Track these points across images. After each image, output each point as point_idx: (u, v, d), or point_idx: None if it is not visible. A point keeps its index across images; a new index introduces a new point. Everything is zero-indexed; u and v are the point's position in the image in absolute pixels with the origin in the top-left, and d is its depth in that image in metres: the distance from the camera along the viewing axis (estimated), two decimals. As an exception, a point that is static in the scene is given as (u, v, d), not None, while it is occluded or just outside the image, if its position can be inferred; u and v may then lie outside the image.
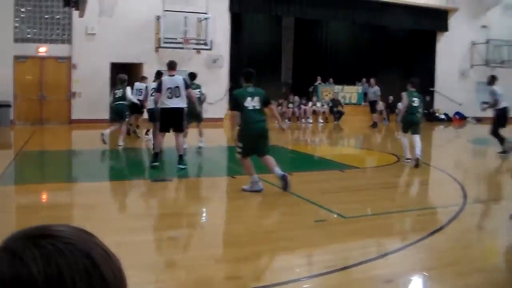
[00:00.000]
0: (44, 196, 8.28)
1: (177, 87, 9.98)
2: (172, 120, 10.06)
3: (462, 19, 27.32)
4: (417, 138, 11.60)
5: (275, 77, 26.17)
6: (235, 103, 8.12)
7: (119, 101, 13.60)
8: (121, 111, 13.62)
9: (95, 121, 19.25)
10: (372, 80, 23.34)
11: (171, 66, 10.36)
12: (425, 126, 24.26)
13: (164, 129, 10.27)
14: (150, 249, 5.55)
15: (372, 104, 23.06)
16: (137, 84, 15.33)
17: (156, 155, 10.26)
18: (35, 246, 0.80)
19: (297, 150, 14.93)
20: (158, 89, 10.18)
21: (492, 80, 14.15)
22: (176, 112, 10.02)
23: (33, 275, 0.76)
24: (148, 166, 10.65)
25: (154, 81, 12.87)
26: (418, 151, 11.09)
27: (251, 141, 8.08)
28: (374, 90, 23.04)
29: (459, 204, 7.40)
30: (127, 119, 14.15)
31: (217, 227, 6.71)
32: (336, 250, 5.42)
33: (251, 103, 7.93)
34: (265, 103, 8.20)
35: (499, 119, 13.87)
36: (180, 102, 10.04)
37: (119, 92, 13.65)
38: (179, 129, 10.19)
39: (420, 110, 12.39)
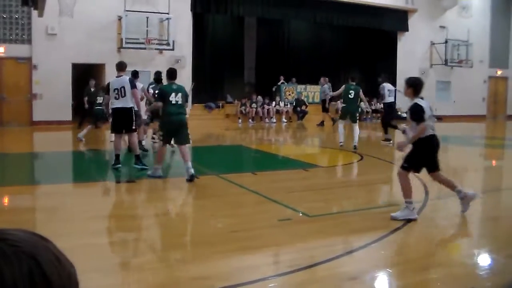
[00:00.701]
0: (5, 199, 8.13)
1: (123, 87, 9.91)
2: (121, 121, 10.04)
3: (422, 19, 27.92)
4: (355, 127, 13.92)
5: (238, 77, 26.21)
6: (161, 96, 9.16)
7: (99, 106, 14.23)
8: (100, 115, 14.10)
9: (57, 122, 19.03)
10: (322, 79, 23.22)
11: (120, 67, 10.24)
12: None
13: (116, 130, 10.29)
14: (114, 251, 5.52)
15: (323, 103, 22.96)
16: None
17: (118, 157, 10.19)
18: None
19: (261, 150, 14.99)
20: (107, 91, 10.26)
21: (384, 78, 16.70)
22: (123, 112, 9.98)
23: None
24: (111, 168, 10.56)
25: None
26: (355, 138, 13.53)
27: (171, 130, 9.14)
28: (323, 89, 22.87)
29: (421, 201, 7.54)
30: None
31: (181, 227, 6.70)
32: (301, 249, 5.46)
33: (175, 98, 8.97)
34: (186, 98, 9.39)
35: (386, 111, 16.17)
36: (126, 102, 9.97)
37: (100, 99, 14.23)
38: (130, 129, 10.18)
39: (355, 101, 14.52)
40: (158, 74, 13.29)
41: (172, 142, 10.01)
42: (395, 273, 4.89)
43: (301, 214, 6.86)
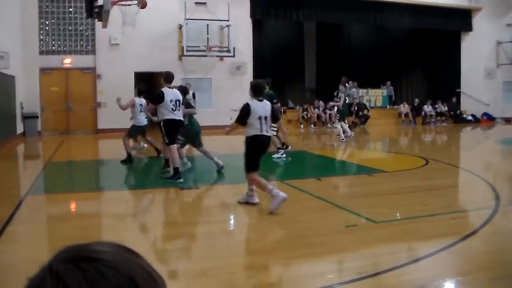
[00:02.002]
0: (73, 205, 8.34)
1: (178, 100, 9.64)
2: (177, 132, 9.90)
3: (486, 18, 27.05)
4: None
5: (299, 82, 26.17)
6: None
7: None
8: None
9: (121, 130, 19.35)
10: (350, 83, 21.84)
11: (171, 79, 9.89)
12: (453, 128, 24.08)
13: (174, 141, 9.87)
14: (177, 257, 5.53)
15: (350, 107, 21.68)
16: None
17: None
18: (79, 269, 0.80)
19: (324, 155, 14.85)
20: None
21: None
22: (179, 124, 9.80)
23: None
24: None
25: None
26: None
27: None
28: (352, 93, 21.56)
29: (492, 207, 7.26)
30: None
31: (245, 233, 6.67)
32: (367, 256, 5.33)
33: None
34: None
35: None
36: (180, 115, 9.75)
37: None
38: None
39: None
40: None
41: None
42: (465, 282, 4.68)
43: (364, 220, 6.72)
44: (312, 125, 23.31)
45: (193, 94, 17.38)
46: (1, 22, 15.87)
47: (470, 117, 26.88)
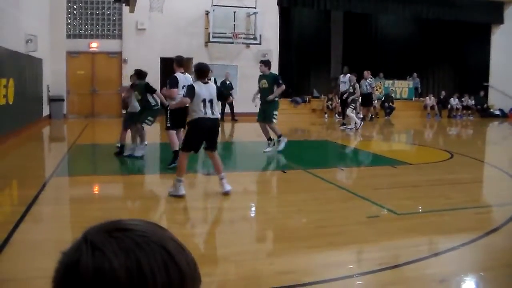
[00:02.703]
0: (97, 188, 8.43)
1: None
2: (184, 118, 9.52)
3: (519, 11, 26.48)
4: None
5: (324, 71, 26.03)
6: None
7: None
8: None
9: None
10: (365, 73, 20.66)
11: (182, 63, 9.89)
12: (479, 122, 23.78)
13: (177, 126, 9.96)
14: (199, 242, 5.56)
15: (367, 97, 20.50)
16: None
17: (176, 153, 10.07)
18: (114, 239, 0.82)
19: (347, 145, 14.79)
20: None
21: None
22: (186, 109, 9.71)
23: (114, 267, 0.78)
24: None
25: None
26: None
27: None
28: (370, 82, 20.56)
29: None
30: None
31: (267, 221, 6.68)
32: (389, 247, 5.31)
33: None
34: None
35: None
36: None
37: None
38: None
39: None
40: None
41: None
42: (488, 278, 4.63)
43: (386, 212, 6.68)
44: (336, 115, 23.15)
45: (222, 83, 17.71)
46: (30, 5, 16.01)
47: (497, 112, 26.49)
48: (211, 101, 7.27)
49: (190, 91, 7.25)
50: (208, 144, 7.42)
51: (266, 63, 12.08)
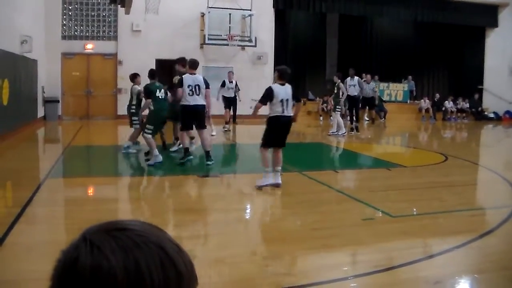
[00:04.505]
0: (91, 189, 8.42)
1: (197, 85, 9.92)
2: (194, 117, 10.08)
3: (513, 14, 26.56)
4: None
5: (319, 74, 26.05)
6: (149, 94, 10.30)
7: None
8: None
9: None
10: (368, 76, 21.09)
11: (194, 65, 10.32)
12: (473, 125, 23.84)
13: (187, 127, 10.28)
14: (194, 244, 5.55)
15: (370, 101, 20.87)
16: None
17: (187, 150, 10.34)
18: (113, 238, 0.82)
19: (342, 148, 14.81)
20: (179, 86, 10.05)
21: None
22: (197, 109, 9.99)
23: (112, 266, 0.79)
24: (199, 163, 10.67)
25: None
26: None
27: (158, 123, 10.43)
28: (372, 86, 20.89)
29: (511, 206, 7.18)
30: None
31: (263, 223, 6.68)
32: (383, 249, 5.32)
33: (159, 94, 10.26)
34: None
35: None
36: (199, 100, 9.97)
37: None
38: (203, 126, 10.26)
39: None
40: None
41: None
42: (481, 280, 4.64)
43: (381, 214, 6.70)
44: (331, 117, 23.14)
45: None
46: (25, 6, 15.98)
47: (492, 115, 26.57)
48: (287, 101, 8.06)
49: (269, 92, 8.07)
50: (281, 141, 8.29)
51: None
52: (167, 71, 19.90)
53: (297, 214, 6.73)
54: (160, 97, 10.32)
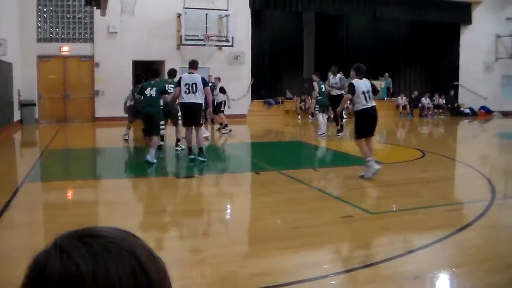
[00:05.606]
0: (70, 193, 8.35)
1: (195, 83, 10.27)
2: (190, 115, 10.44)
3: (486, 11, 26.95)
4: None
5: (297, 72, 26.10)
6: (141, 91, 10.79)
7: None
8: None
9: (118, 118, 19.36)
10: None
11: (193, 65, 10.65)
12: (450, 121, 24.09)
13: (187, 123, 10.65)
14: (174, 246, 5.54)
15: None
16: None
17: (190, 149, 10.78)
18: (84, 244, 0.81)
19: (320, 146, 14.86)
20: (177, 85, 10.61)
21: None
22: (193, 107, 10.37)
23: (81, 272, 0.78)
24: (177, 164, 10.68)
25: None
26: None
27: (141, 118, 11.02)
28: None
29: (487, 200, 7.27)
30: None
31: (242, 223, 6.68)
32: (363, 246, 5.36)
33: (149, 91, 10.45)
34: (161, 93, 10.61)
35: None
36: (196, 98, 10.33)
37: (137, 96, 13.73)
38: (198, 124, 10.57)
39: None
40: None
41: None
42: (460, 274, 4.69)
43: (360, 211, 6.74)
44: (310, 116, 23.25)
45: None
46: (-1, 9, 15.80)
47: (467, 110, 26.88)
48: (368, 92, 8.84)
49: (351, 87, 8.80)
50: (371, 131, 9.13)
51: None
52: (143, 72, 19.90)
53: (276, 213, 6.74)
54: (147, 94, 10.51)
